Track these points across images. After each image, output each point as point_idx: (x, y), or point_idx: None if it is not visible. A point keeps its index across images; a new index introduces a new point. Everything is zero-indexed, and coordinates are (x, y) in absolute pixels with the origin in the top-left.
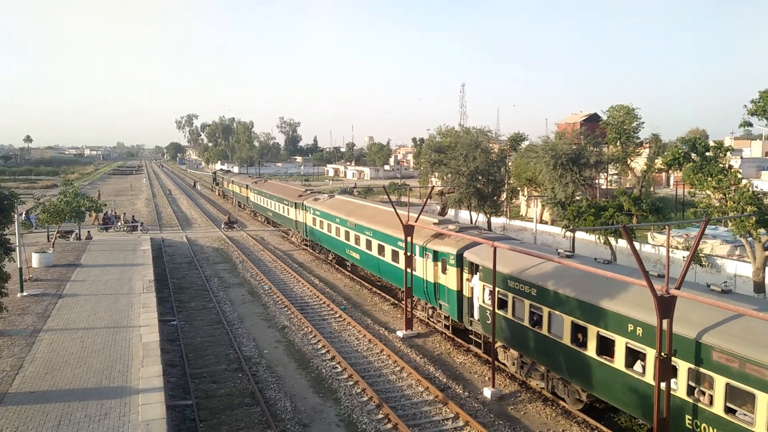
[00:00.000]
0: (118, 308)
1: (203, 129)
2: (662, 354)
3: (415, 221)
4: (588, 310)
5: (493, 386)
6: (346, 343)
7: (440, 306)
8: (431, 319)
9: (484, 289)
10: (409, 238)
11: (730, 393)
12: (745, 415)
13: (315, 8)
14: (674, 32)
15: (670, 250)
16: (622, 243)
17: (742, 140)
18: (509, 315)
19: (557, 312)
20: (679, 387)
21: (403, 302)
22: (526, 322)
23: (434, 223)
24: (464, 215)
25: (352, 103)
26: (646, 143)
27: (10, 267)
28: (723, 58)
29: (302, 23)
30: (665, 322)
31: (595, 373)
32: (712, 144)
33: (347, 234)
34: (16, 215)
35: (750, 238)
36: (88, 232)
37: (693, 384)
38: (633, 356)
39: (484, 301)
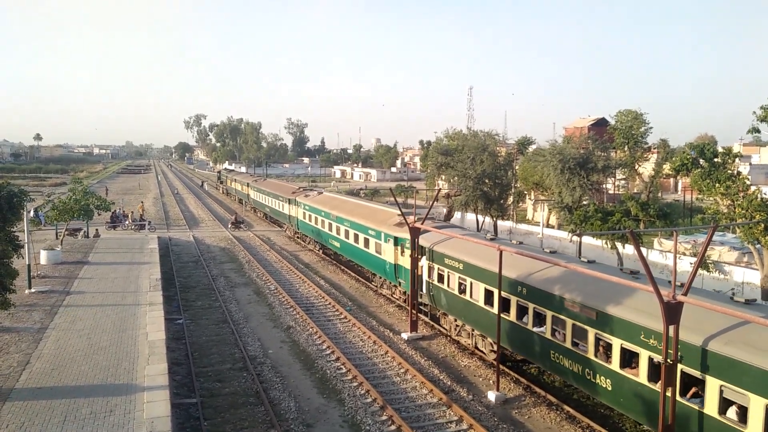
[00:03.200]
0: (124, 306)
1: (211, 129)
2: (668, 360)
3: (419, 221)
4: (492, 277)
5: (498, 390)
6: (351, 344)
7: (399, 283)
8: (394, 296)
9: (430, 268)
10: (415, 240)
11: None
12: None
13: (322, 9)
14: (683, 37)
15: (677, 256)
16: (629, 248)
17: (751, 146)
18: (445, 286)
19: (475, 281)
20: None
21: (373, 283)
22: (456, 291)
23: (398, 214)
24: (471, 218)
25: (359, 105)
26: (654, 148)
27: (18, 263)
28: (733, 63)
29: (309, 24)
30: (671, 328)
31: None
32: (720, 150)
33: (330, 225)
34: (25, 212)
35: (758, 245)
36: (96, 230)
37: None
38: (522, 310)
39: (429, 278)
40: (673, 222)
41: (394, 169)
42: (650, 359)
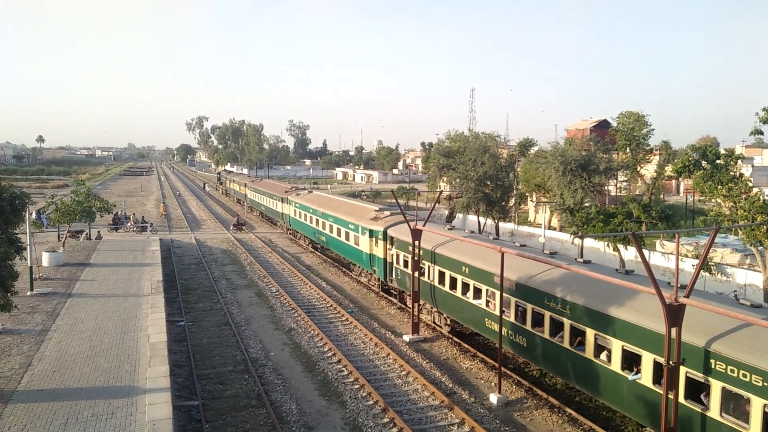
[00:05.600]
0: (126, 308)
1: (213, 131)
2: (670, 363)
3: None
4: (449, 261)
5: (500, 392)
6: (353, 346)
7: (374, 271)
8: (370, 283)
9: (397, 255)
10: (417, 242)
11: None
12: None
13: (324, 11)
14: (686, 39)
15: (680, 258)
16: (631, 250)
17: (754, 148)
18: (409, 270)
19: (431, 264)
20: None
21: (354, 272)
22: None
23: (375, 210)
24: (472, 220)
25: (361, 107)
26: (656, 150)
27: (20, 266)
28: (736, 65)
29: (312, 26)
30: (674, 330)
31: (449, 302)
32: (722, 152)
33: (317, 221)
34: (27, 215)
35: (760, 247)
36: (98, 232)
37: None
38: (465, 287)
39: (397, 263)
40: (675, 224)
41: (395, 171)
42: (551, 318)
